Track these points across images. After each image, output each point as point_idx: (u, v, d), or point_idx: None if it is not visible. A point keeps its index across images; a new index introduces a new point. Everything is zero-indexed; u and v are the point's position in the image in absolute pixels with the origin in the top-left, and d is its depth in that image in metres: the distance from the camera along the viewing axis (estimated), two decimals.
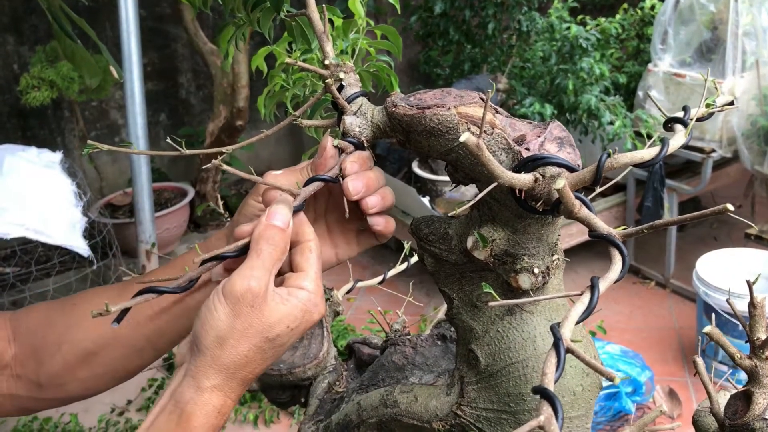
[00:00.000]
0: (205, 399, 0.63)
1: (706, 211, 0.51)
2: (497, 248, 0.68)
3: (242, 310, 0.64)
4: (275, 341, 0.65)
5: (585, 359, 0.45)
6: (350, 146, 0.70)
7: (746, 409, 0.69)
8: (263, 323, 0.65)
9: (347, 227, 0.79)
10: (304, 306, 0.66)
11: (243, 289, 0.64)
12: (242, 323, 0.64)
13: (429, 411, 0.78)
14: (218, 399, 0.64)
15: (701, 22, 3.33)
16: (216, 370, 0.64)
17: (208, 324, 0.64)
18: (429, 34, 3.88)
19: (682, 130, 0.66)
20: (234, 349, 0.64)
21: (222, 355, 0.64)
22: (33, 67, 3.48)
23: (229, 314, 0.64)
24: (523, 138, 0.65)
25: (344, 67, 0.74)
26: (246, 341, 0.64)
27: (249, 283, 0.64)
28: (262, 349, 0.65)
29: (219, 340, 0.64)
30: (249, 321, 0.64)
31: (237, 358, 0.64)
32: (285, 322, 0.65)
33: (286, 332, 0.66)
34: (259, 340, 0.65)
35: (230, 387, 0.65)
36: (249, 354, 0.64)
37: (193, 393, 0.63)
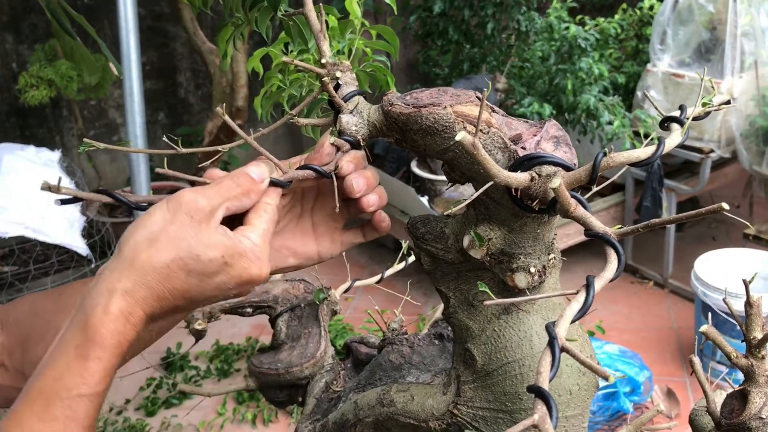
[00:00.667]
0: (114, 303, 0.57)
1: (702, 209, 0.51)
2: (493, 247, 0.68)
3: (180, 217, 0.60)
4: (204, 265, 0.60)
5: (580, 358, 0.45)
6: (346, 144, 0.70)
7: (742, 408, 0.69)
8: (197, 238, 0.60)
9: (332, 225, 0.78)
10: (243, 251, 0.62)
11: (188, 199, 0.61)
12: (175, 229, 0.60)
13: (425, 410, 0.78)
14: (127, 304, 0.58)
15: (700, 22, 3.34)
16: (131, 271, 0.59)
17: (139, 225, 0.61)
18: (428, 33, 3.88)
19: (678, 129, 0.66)
20: (158, 253, 0.59)
21: (143, 256, 0.59)
22: (31, 66, 3.48)
23: (165, 218, 0.60)
24: (520, 137, 0.65)
25: (341, 66, 0.74)
26: (173, 249, 0.59)
27: (197, 197, 0.61)
28: (187, 268, 0.60)
29: (145, 242, 0.59)
30: (183, 229, 0.60)
31: (158, 264, 0.59)
32: (220, 250, 0.61)
33: (218, 262, 0.60)
34: (187, 254, 0.60)
35: (142, 295, 0.59)
36: (172, 265, 0.59)
37: (101, 296, 0.58)
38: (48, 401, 0.55)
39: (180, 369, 3.19)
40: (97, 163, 4.17)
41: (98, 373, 0.56)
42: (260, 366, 1.12)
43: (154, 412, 2.97)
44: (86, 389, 0.56)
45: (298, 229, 0.77)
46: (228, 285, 0.62)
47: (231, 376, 3.20)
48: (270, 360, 1.13)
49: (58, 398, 0.55)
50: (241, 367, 3.26)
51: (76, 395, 0.55)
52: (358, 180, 0.71)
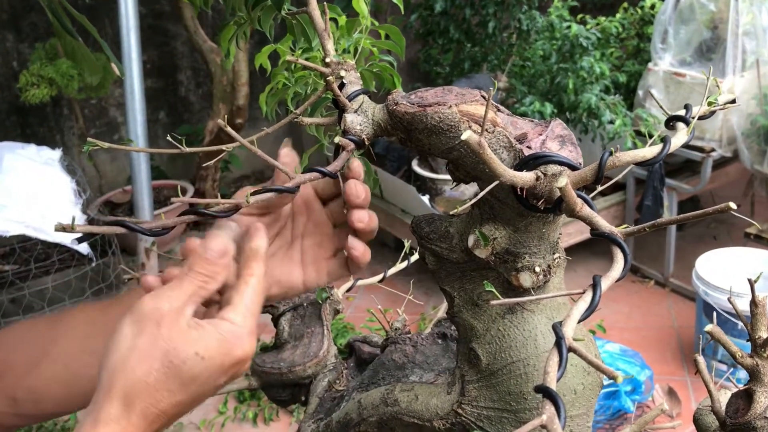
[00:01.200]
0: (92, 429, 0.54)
1: (709, 209, 0.51)
2: (498, 247, 0.68)
3: (146, 327, 0.57)
4: (182, 369, 0.57)
5: (587, 358, 0.45)
6: (351, 144, 0.70)
7: (747, 407, 0.68)
8: (168, 344, 0.57)
9: (320, 253, 0.76)
10: (221, 336, 0.58)
11: (150, 308, 0.58)
12: (144, 341, 0.57)
13: (430, 409, 0.78)
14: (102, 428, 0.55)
15: (701, 21, 3.33)
16: (113, 397, 0.56)
17: (110, 350, 0.58)
18: (429, 32, 3.88)
19: (683, 128, 0.66)
20: (133, 372, 0.56)
21: (120, 379, 0.56)
22: (32, 65, 3.48)
23: (132, 333, 0.57)
24: (525, 136, 0.65)
25: (345, 65, 0.73)
26: (146, 363, 0.56)
27: (158, 303, 0.58)
28: (166, 376, 0.56)
29: (119, 364, 0.57)
30: (152, 339, 0.57)
31: (136, 382, 0.56)
32: (194, 348, 0.57)
33: (195, 360, 0.57)
34: (162, 363, 0.56)
35: (130, 420, 0.55)
36: (149, 379, 0.56)
37: (89, 429, 0.55)
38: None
39: None
40: (97, 162, 4.17)
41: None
42: (263, 365, 1.12)
43: None
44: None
45: (286, 258, 0.75)
46: (214, 377, 0.59)
47: None
48: (273, 359, 1.13)
49: None
50: None
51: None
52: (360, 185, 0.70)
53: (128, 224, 0.63)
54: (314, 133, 0.98)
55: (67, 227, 0.59)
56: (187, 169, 4.48)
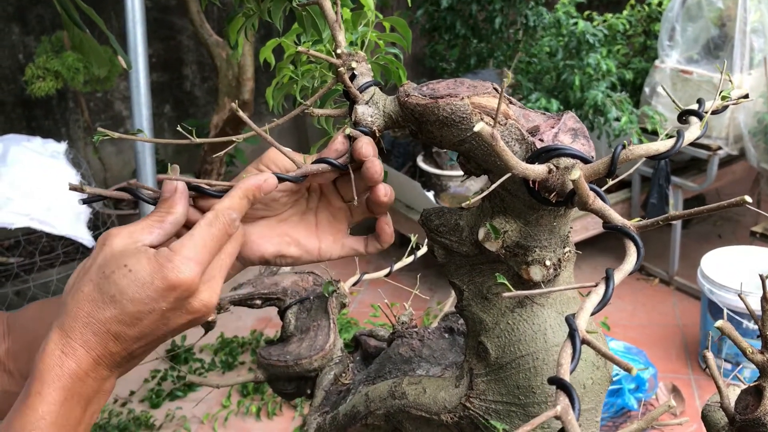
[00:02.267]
0: (50, 339, 0.59)
1: (723, 203, 0.50)
2: (509, 240, 0.68)
3: (102, 250, 0.62)
4: (111, 278, 0.60)
5: (601, 350, 0.44)
6: (362, 135, 0.69)
7: (757, 404, 0.68)
8: (104, 258, 0.61)
9: (336, 227, 0.77)
10: (154, 257, 0.61)
11: (113, 233, 0.63)
12: (97, 262, 0.61)
13: (437, 403, 0.77)
14: (59, 337, 0.59)
15: (709, 18, 3.32)
16: (62, 313, 0.60)
17: (75, 271, 0.63)
18: (435, 28, 3.87)
19: (696, 122, 0.65)
20: (78, 289, 0.61)
21: (69, 296, 0.61)
22: (38, 58, 3.48)
23: (91, 257, 0.62)
24: (537, 129, 0.65)
25: (356, 56, 0.73)
26: (89, 280, 0.60)
27: (122, 230, 0.63)
28: (99, 287, 0.60)
29: (73, 282, 0.62)
30: (100, 259, 0.61)
31: (79, 297, 0.60)
32: (125, 261, 0.60)
33: (123, 272, 0.60)
34: (96, 274, 0.60)
35: (72, 332, 0.59)
36: (88, 291, 0.60)
37: (44, 343, 0.60)
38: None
39: (185, 361, 3.19)
40: (102, 155, 4.17)
41: (41, 407, 0.57)
42: (269, 358, 1.12)
43: (158, 404, 2.98)
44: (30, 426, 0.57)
45: (302, 223, 0.76)
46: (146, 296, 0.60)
47: (235, 368, 3.21)
48: (279, 352, 1.13)
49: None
50: (245, 360, 3.26)
51: None
52: (379, 164, 0.70)
53: (133, 191, 0.67)
54: (323, 125, 0.98)
55: (78, 188, 0.63)
56: (192, 163, 4.48)
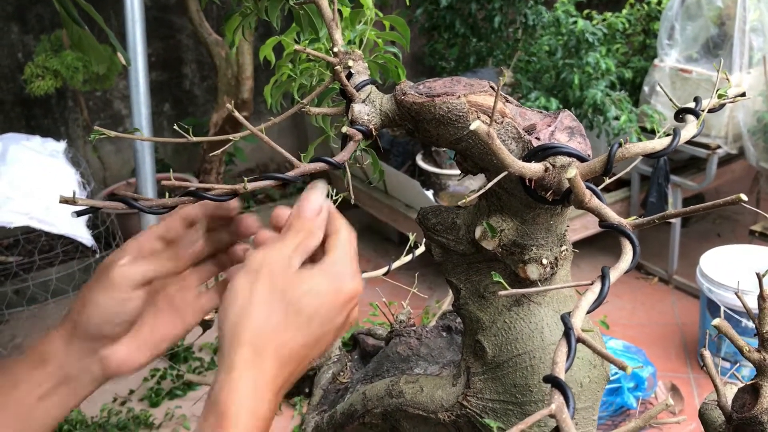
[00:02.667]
0: (235, 378, 0.57)
1: (719, 201, 0.50)
2: (506, 238, 0.68)
3: (261, 277, 0.61)
4: (299, 307, 0.60)
5: (596, 348, 0.44)
6: (358, 134, 0.69)
7: (754, 402, 0.68)
8: (283, 287, 0.60)
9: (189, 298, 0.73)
10: (329, 275, 0.62)
11: (261, 259, 0.62)
12: (261, 288, 0.60)
13: (435, 401, 0.78)
14: (250, 374, 0.57)
15: (708, 17, 3.32)
16: (241, 344, 0.58)
17: (228, 304, 0.60)
18: (434, 26, 3.87)
19: (693, 120, 0.65)
20: (257, 319, 0.59)
21: (245, 328, 0.59)
22: (37, 56, 3.48)
23: (247, 284, 0.60)
24: (534, 127, 0.65)
25: (353, 54, 0.73)
26: (267, 308, 0.60)
27: (268, 254, 0.62)
28: (286, 317, 0.60)
29: (240, 313, 0.59)
30: (268, 286, 0.60)
31: (261, 327, 0.59)
32: (307, 287, 0.61)
33: (309, 298, 0.61)
34: (280, 306, 0.60)
35: (263, 364, 0.58)
36: (272, 322, 0.59)
37: (223, 378, 0.57)
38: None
39: (184, 360, 3.19)
40: (102, 154, 4.17)
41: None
42: None
43: (157, 403, 2.98)
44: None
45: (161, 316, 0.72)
46: (331, 315, 0.62)
47: None
48: None
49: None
50: None
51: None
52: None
53: (129, 201, 0.66)
54: (320, 123, 0.98)
55: (70, 200, 0.63)
56: (192, 162, 4.48)
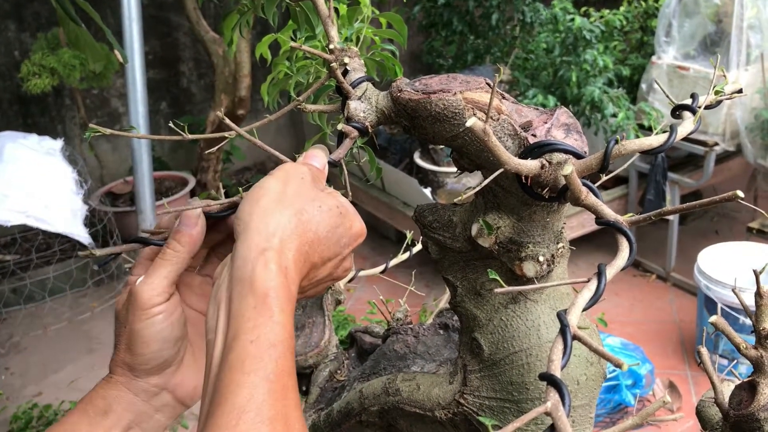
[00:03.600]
0: (270, 261, 0.58)
1: (716, 197, 0.50)
2: (502, 236, 0.68)
3: (293, 180, 0.64)
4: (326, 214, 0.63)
5: (592, 346, 0.44)
6: (354, 131, 0.69)
7: (751, 399, 0.68)
8: (314, 193, 0.64)
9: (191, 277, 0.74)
10: (345, 204, 0.65)
11: (293, 167, 0.65)
12: (293, 188, 0.63)
13: (431, 399, 0.77)
14: (281, 259, 0.59)
15: (706, 14, 3.32)
16: (269, 232, 0.60)
17: (256, 197, 0.62)
18: (432, 24, 3.86)
19: (690, 117, 0.65)
20: (287, 210, 0.61)
21: (274, 218, 0.61)
22: (34, 54, 3.47)
23: (279, 184, 0.63)
24: (530, 124, 0.64)
25: (349, 51, 0.73)
26: (297, 203, 0.62)
27: (299, 166, 0.65)
28: (315, 219, 0.63)
29: (271, 205, 0.61)
30: (300, 188, 0.63)
31: (290, 219, 0.61)
32: (334, 200, 0.64)
33: (336, 212, 0.64)
34: (311, 205, 0.63)
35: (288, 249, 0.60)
36: (302, 217, 0.62)
37: (255, 260, 0.58)
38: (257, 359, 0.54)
39: None
40: (99, 152, 4.16)
41: (284, 321, 0.57)
42: None
43: None
44: (282, 339, 0.56)
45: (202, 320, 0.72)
46: (344, 239, 0.65)
47: None
48: None
49: (266, 355, 0.55)
50: None
51: (282, 348, 0.56)
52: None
53: (145, 240, 0.67)
54: (317, 121, 0.98)
55: (90, 254, 0.64)
56: (189, 160, 4.47)
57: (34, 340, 3.41)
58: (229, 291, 0.59)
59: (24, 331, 3.47)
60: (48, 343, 3.39)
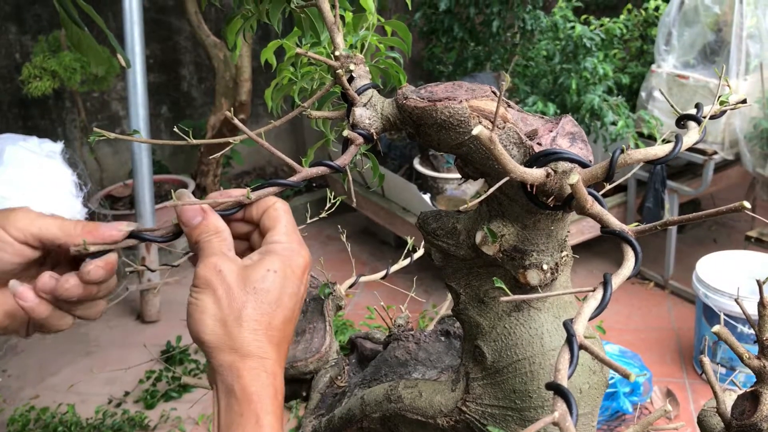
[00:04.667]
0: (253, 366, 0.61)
1: (722, 208, 0.50)
2: (506, 244, 0.68)
3: (218, 291, 0.63)
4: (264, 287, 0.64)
5: (599, 356, 0.44)
6: (360, 138, 0.69)
7: (754, 409, 0.68)
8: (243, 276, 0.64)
9: None
10: (276, 254, 0.65)
11: (207, 272, 0.64)
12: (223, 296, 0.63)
13: (433, 406, 0.77)
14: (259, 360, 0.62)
15: (706, 23, 3.33)
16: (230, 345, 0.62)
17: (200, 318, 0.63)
18: (433, 30, 3.87)
19: (694, 127, 0.65)
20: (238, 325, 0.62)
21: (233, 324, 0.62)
22: (35, 57, 3.47)
23: (209, 295, 0.63)
24: (535, 133, 0.65)
25: (354, 58, 0.73)
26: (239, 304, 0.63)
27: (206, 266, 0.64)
28: (259, 302, 0.63)
29: (219, 324, 0.62)
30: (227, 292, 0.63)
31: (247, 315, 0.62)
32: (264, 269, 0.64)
33: (270, 276, 0.64)
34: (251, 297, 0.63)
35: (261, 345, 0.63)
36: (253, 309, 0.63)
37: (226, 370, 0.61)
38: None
39: (179, 362, 3.18)
40: (99, 155, 4.16)
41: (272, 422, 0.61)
42: None
43: (153, 405, 2.97)
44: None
45: None
46: (293, 287, 0.65)
47: None
48: None
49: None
50: None
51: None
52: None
53: (139, 235, 0.66)
54: (320, 127, 0.98)
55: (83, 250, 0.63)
56: (189, 164, 4.47)
57: (31, 342, 3.40)
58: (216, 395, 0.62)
59: None
60: (45, 345, 3.38)
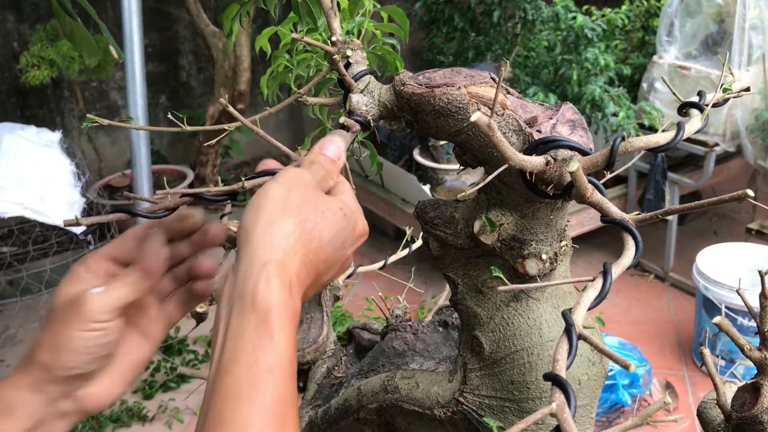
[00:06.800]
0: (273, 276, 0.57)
1: (724, 196, 0.49)
2: (505, 233, 0.67)
3: (296, 187, 0.62)
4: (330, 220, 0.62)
5: (599, 346, 0.43)
6: (356, 125, 0.68)
7: (754, 401, 0.67)
8: (317, 199, 0.62)
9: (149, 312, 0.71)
10: (347, 206, 0.64)
11: (293, 175, 0.63)
12: (297, 196, 0.61)
13: (430, 397, 0.76)
14: (284, 273, 0.58)
15: (708, 14, 3.31)
16: (273, 244, 0.58)
17: (259, 205, 0.60)
18: (433, 20, 3.85)
19: (696, 115, 0.64)
20: (291, 219, 0.60)
21: (278, 228, 0.59)
22: (33, 46, 3.45)
23: (282, 191, 0.61)
24: (535, 120, 0.64)
25: (352, 44, 0.72)
26: (302, 212, 0.61)
27: (300, 172, 0.63)
28: (318, 226, 0.61)
29: (275, 214, 0.60)
30: (303, 195, 0.61)
31: (294, 229, 0.60)
32: (337, 204, 0.63)
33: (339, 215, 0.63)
34: (315, 213, 0.61)
35: (292, 264, 0.59)
36: (306, 225, 0.60)
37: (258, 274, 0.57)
38: (255, 386, 0.53)
39: (178, 353, 3.18)
40: (97, 144, 4.15)
41: (284, 342, 0.56)
42: None
43: (151, 396, 2.96)
44: (280, 363, 0.55)
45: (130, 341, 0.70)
46: (348, 242, 0.64)
47: None
48: None
49: (264, 382, 0.54)
50: None
51: (280, 372, 0.54)
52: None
53: (131, 210, 0.65)
54: (317, 114, 0.97)
55: (73, 222, 0.60)
56: (188, 154, 4.46)
57: (30, 332, 3.40)
58: (229, 306, 0.57)
59: (20, 323, 3.45)
60: None
